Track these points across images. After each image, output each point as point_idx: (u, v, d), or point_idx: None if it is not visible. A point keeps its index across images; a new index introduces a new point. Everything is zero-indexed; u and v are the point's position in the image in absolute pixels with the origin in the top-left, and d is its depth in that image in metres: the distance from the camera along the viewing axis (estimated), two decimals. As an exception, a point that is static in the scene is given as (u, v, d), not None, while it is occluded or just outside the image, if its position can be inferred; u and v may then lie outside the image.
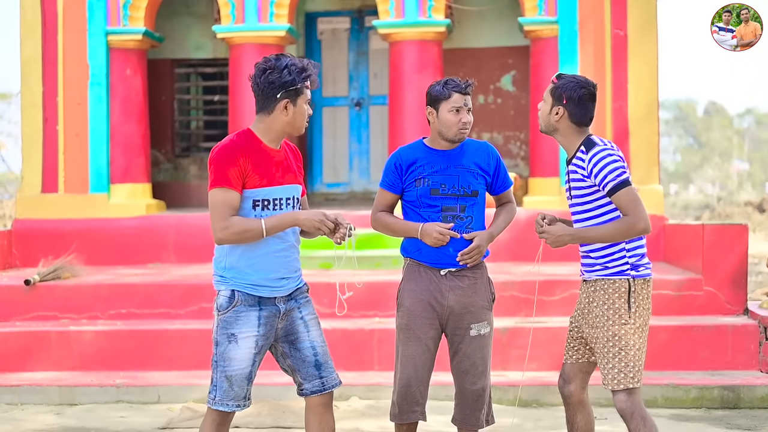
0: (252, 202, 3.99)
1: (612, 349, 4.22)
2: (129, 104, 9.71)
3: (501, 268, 8.35)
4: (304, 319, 4.13)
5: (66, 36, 9.51)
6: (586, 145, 4.24)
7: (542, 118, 4.34)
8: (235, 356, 3.99)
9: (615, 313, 4.23)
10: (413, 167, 4.44)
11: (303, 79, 3.97)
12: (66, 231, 9.32)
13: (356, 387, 6.79)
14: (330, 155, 11.61)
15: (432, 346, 4.45)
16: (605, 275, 4.26)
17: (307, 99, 4.05)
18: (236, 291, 4.01)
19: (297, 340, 4.11)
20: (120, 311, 7.79)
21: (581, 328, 4.39)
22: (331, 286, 7.67)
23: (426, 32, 9.54)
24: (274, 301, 4.05)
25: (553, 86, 4.30)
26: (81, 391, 6.86)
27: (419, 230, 4.37)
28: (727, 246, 7.55)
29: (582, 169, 4.22)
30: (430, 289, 4.41)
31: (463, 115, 4.40)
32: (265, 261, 4.02)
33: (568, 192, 4.34)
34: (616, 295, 4.24)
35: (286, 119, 4.00)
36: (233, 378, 4.00)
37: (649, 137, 9.32)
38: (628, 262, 4.27)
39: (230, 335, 4.00)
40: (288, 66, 3.95)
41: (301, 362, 4.11)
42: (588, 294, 4.31)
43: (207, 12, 11.19)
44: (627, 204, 4.15)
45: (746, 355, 7.06)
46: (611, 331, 4.22)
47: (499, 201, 4.63)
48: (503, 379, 6.82)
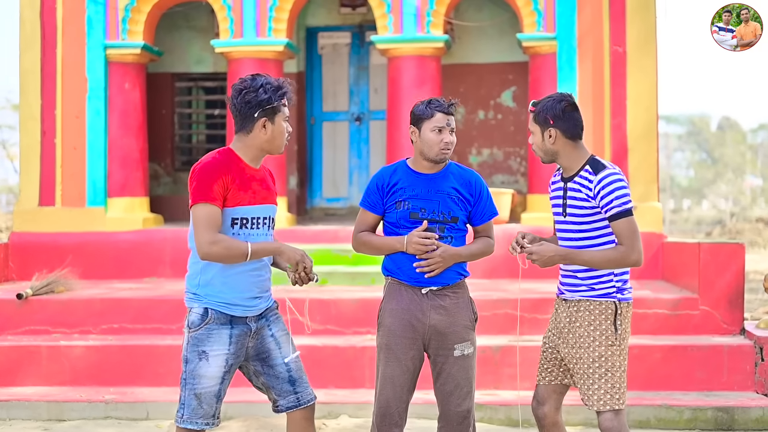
0: (231, 220, 4.01)
1: (598, 370, 4.18)
2: (127, 118, 9.71)
3: (496, 285, 8.30)
4: (274, 336, 4.16)
5: (65, 49, 9.52)
6: (592, 166, 4.19)
7: (539, 149, 4.27)
8: (205, 374, 4.01)
9: (602, 334, 4.19)
10: (395, 188, 4.39)
11: (279, 96, 4.02)
12: (63, 244, 9.30)
13: (346, 405, 6.72)
14: (330, 170, 11.59)
15: (412, 366, 4.40)
16: (590, 296, 4.22)
17: (285, 116, 4.09)
18: (209, 309, 4.02)
19: (269, 358, 4.14)
20: (112, 326, 7.76)
21: (557, 348, 4.34)
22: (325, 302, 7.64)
23: (424, 48, 9.53)
24: (246, 320, 4.08)
25: (534, 114, 4.25)
26: (70, 407, 6.82)
27: (404, 242, 4.31)
28: (723, 265, 7.48)
29: (587, 189, 4.16)
30: (411, 309, 4.36)
31: (445, 135, 4.35)
32: (240, 279, 4.04)
33: (561, 209, 4.28)
34: (603, 316, 4.20)
35: (265, 137, 4.04)
36: (202, 396, 4.01)
37: (649, 154, 9.26)
38: (615, 286, 4.24)
39: (201, 352, 4.01)
40: (263, 85, 4.01)
41: (275, 379, 4.15)
42: (570, 314, 4.26)
43: (208, 26, 11.21)
44: (626, 233, 4.12)
45: (741, 376, 6.97)
46: (597, 352, 4.18)
47: (477, 234, 4.52)
48: (495, 398, 6.75)
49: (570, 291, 4.28)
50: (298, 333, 7.46)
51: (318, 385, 7.00)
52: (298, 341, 7.10)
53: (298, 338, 7.27)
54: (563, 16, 9.32)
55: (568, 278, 4.28)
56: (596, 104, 9.16)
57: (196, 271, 4.07)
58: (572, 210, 4.23)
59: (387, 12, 9.51)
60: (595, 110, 9.14)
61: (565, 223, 4.27)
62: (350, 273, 8.54)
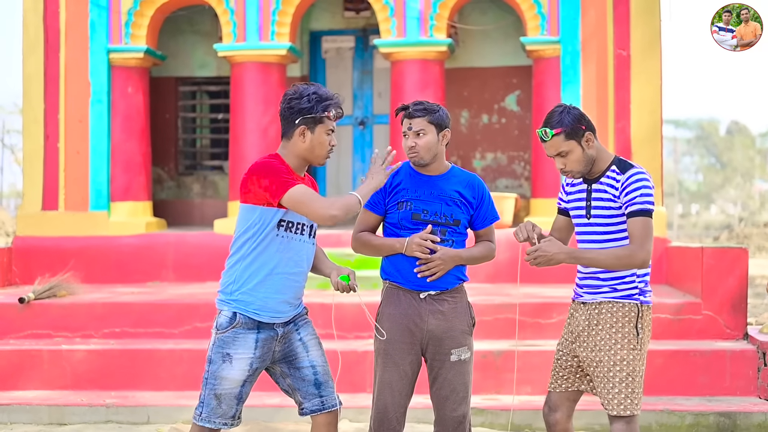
0: (279, 221, 4.06)
1: (619, 374, 4.11)
2: (130, 122, 9.71)
3: (498, 290, 8.28)
4: (302, 341, 4.20)
5: (68, 53, 9.54)
6: (619, 165, 4.14)
7: (580, 163, 4.14)
8: (227, 376, 4.05)
9: (624, 337, 4.13)
10: (397, 189, 4.38)
11: (323, 108, 4.06)
12: (66, 248, 9.31)
13: (347, 410, 6.67)
14: (333, 175, 11.57)
15: (410, 371, 4.37)
16: (613, 298, 4.16)
17: (327, 129, 4.10)
18: (238, 313, 4.07)
19: (296, 360, 4.18)
20: (114, 330, 7.75)
21: (574, 353, 4.27)
22: (327, 306, 7.63)
23: (427, 51, 9.51)
24: (273, 325, 4.12)
25: (564, 131, 4.11)
26: (71, 411, 6.80)
27: (404, 244, 4.29)
28: (726, 269, 7.43)
29: (613, 189, 4.11)
30: (409, 313, 4.34)
31: (409, 140, 4.34)
32: (277, 281, 4.08)
33: (585, 212, 4.21)
34: (626, 319, 4.14)
35: (304, 146, 4.07)
36: (222, 396, 4.05)
37: (653, 158, 9.22)
38: (638, 287, 4.18)
39: (225, 355, 4.06)
40: (309, 94, 4.06)
41: (301, 381, 4.18)
42: (590, 317, 4.20)
43: (211, 30, 11.21)
44: (639, 232, 4.05)
45: (744, 381, 6.92)
46: (619, 355, 4.12)
47: (479, 238, 4.50)
48: (496, 403, 6.72)
49: (590, 293, 4.22)
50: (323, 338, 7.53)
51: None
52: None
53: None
54: (567, 20, 9.29)
55: (588, 280, 4.22)
56: (600, 108, 9.13)
57: (235, 276, 4.09)
58: (597, 212, 4.17)
59: (390, 15, 9.50)
60: (599, 114, 9.11)
61: (588, 225, 4.20)
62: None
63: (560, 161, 4.16)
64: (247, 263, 4.08)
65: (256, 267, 4.07)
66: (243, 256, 4.09)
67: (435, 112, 4.35)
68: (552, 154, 4.17)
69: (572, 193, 4.30)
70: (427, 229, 4.29)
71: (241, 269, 4.09)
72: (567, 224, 4.41)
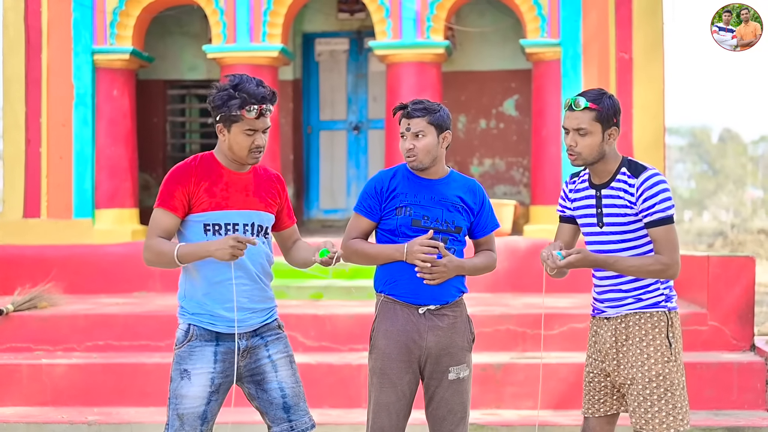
0: (203, 227, 3.80)
1: (656, 390, 3.80)
2: (115, 126, 9.43)
3: (499, 300, 8.05)
4: (271, 358, 3.90)
5: (50, 54, 9.25)
6: (630, 168, 3.83)
7: (592, 151, 3.81)
8: (187, 393, 3.78)
9: (656, 350, 3.82)
10: (394, 193, 4.08)
11: (237, 106, 3.74)
12: (49, 257, 9.01)
13: (341, 426, 6.43)
14: (327, 180, 11.35)
15: (408, 392, 4.08)
16: (639, 308, 3.84)
17: (245, 129, 3.78)
18: (192, 325, 3.82)
19: (264, 381, 3.88)
20: (97, 343, 7.46)
21: (605, 373, 3.95)
22: (319, 318, 7.38)
23: (424, 54, 9.26)
24: (234, 337, 3.82)
25: (598, 112, 3.78)
26: (51, 429, 6.52)
27: (404, 250, 3.98)
28: (732, 278, 7.20)
29: (628, 195, 3.80)
30: (408, 329, 4.04)
31: (407, 142, 4.04)
32: (221, 289, 3.81)
33: (597, 219, 3.89)
34: (656, 330, 3.83)
35: (225, 144, 3.83)
36: (185, 417, 3.78)
37: (656, 164, 8.96)
38: (663, 294, 3.87)
39: (183, 371, 3.80)
40: (227, 89, 3.77)
41: (269, 404, 3.89)
42: (616, 332, 3.88)
43: (201, 32, 10.96)
44: (668, 242, 3.75)
45: (752, 394, 6.69)
46: (654, 370, 3.81)
47: (479, 247, 4.22)
48: (496, 418, 6.48)
49: (613, 307, 3.90)
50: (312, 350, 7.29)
51: (312, 405, 6.65)
52: (290, 359, 6.94)
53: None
54: (568, 22, 9.06)
55: (609, 293, 3.90)
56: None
57: (182, 280, 3.90)
58: (610, 219, 3.85)
59: (386, 17, 9.25)
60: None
61: (602, 234, 3.88)
62: (347, 287, 8.26)
63: (574, 139, 3.82)
64: (189, 273, 3.85)
65: (197, 277, 3.83)
66: (185, 266, 3.84)
67: (435, 112, 4.06)
68: (571, 126, 3.82)
69: (578, 199, 3.99)
70: (428, 234, 3.99)
71: (186, 280, 3.87)
72: (573, 233, 4.10)
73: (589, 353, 4.03)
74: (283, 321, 4.10)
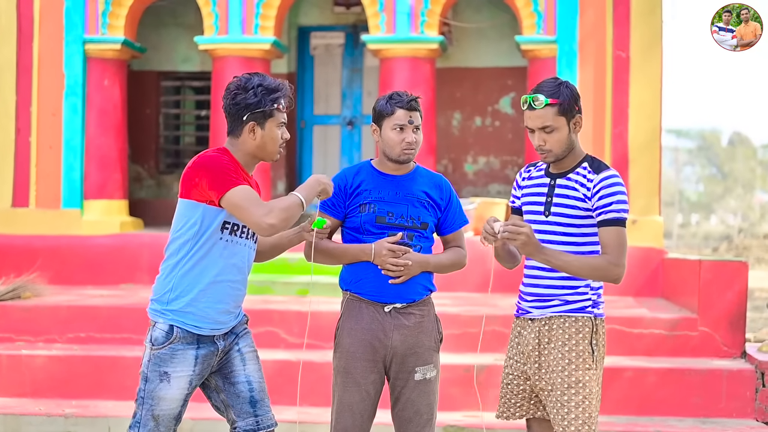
0: (222, 224, 3.68)
1: (574, 397, 3.68)
2: (106, 116, 9.35)
3: (487, 300, 7.93)
4: (241, 352, 3.85)
5: (42, 43, 9.18)
6: (592, 164, 3.72)
7: (560, 144, 3.68)
8: (165, 396, 3.70)
9: (578, 356, 3.70)
10: (358, 190, 3.99)
11: (272, 101, 3.69)
12: (36, 248, 8.95)
13: (319, 425, 6.33)
14: (320, 176, 11.22)
15: (373, 391, 3.99)
16: (564, 311, 3.72)
17: (279, 122, 3.74)
18: (175, 326, 3.70)
19: (232, 374, 3.82)
20: (79, 335, 7.40)
21: (525, 376, 3.83)
22: (303, 314, 7.28)
23: (418, 49, 9.16)
24: (213, 338, 3.76)
25: (560, 105, 3.65)
26: (27, 420, 6.44)
27: (371, 251, 3.90)
28: (725, 284, 7.07)
29: (584, 188, 3.68)
30: (373, 328, 3.95)
31: (408, 134, 3.94)
32: (219, 289, 3.72)
33: (543, 208, 3.75)
34: (580, 335, 3.71)
35: (255, 143, 3.73)
36: (160, 418, 3.70)
37: (651, 166, 8.86)
38: (591, 299, 3.75)
39: (163, 374, 3.69)
40: (256, 86, 3.69)
41: (236, 397, 3.82)
42: (539, 334, 3.75)
43: (195, 23, 10.85)
44: (616, 243, 3.62)
45: (741, 403, 6.57)
46: (574, 376, 3.69)
47: (447, 244, 4.13)
48: (477, 420, 6.36)
49: (538, 307, 3.77)
50: (274, 347, 7.21)
51: (291, 403, 6.63)
52: (272, 355, 6.84)
53: (273, 352, 7.02)
54: (564, 19, 8.94)
55: (537, 287, 3.77)
56: (597, 112, 8.75)
57: (165, 280, 3.74)
58: (559, 209, 3.72)
59: (380, 11, 9.15)
60: (596, 118, 8.74)
61: (545, 224, 3.74)
62: (333, 284, 8.12)
63: (541, 137, 3.68)
64: (186, 269, 3.70)
65: (196, 274, 3.69)
66: (181, 260, 3.70)
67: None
68: (536, 126, 3.68)
69: (529, 186, 3.84)
70: (397, 237, 3.90)
71: (179, 276, 3.71)
72: None
73: (510, 354, 3.90)
74: (266, 317, 4.03)
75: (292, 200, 3.63)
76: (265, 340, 6.91)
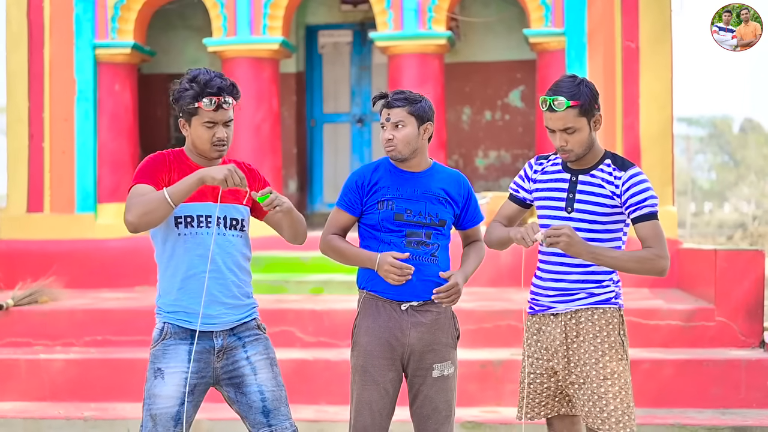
0: (174, 220, 3.71)
1: (611, 389, 3.68)
2: (118, 120, 9.39)
3: (500, 295, 7.93)
4: (249, 360, 3.79)
5: (52, 49, 9.23)
6: (615, 160, 3.73)
7: (582, 144, 3.69)
8: (159, 393, 3.69)
9: (611, 347, 3.71)
10: (376, 187, 3.99)
11: (192, 97, 3.65)
12: (51, 252, 9.00)
13: (337, 423, 6.35)
14: (331, 174, 11.25)
15: (391, 389, 4.00)
16: (591, 303, 3.73)
17: (203, 121, 3.69)
18: (166, 323, 3.76)
19: (242, 384, 3.78)
20: (96, 338, 7.44)
21: (551, 372, 3.83)
22: (318, 313, 7.29)
23: (426, 45, 9.15)
24: (211, 335, 3.74)
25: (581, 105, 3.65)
26: (47, 424, 6.50)
27: (376, 262, 3.90)
28: (741, 273, 7.05)
29: (611, 185, 3.69)
30: (390, 326, 3.95)
31: (386, 132, 3.95)
32: (195, 283, 3.71)
33: (565, 204, 3.76)
34: (610, 326, 3.73)
35: (189, 140, 3.77)
36: (157, 417, 3.68)
37: (663, 156, 8.82)
38: (614, 290, 3.78)
39: (157, 370, 3.73)
40: (188, 82, 3.69)
41: (248, 408, 3.78)
42: (566, 329, 3.76)
43: (204, 25, 10.86)
44: (656, 236, 3.65)
45: (761, 393, 6.53)
46: (609, 368, 3.70)
47: (467, 239, 4.17)
48: (496, 416, 6.37)
49: (563, 302, 3.78)
50: (289, 346, 7.22)
51: (308, 402, 6.66)
52: (288, 354, 6.85)
53: (288, 351, 7.03)
54: (572, 10, 8.92)
55: (560, 282, 3.77)
56: (607, 103, 8.73)
57: (158, 285, 3.83)
58: (583, 206, 3.72)
59: (387, 8, 9.15)
60: (607, 109, 8.72)
61: (568, 219, 3.74)
62: (347, 282, 8.15)
63: (563, 138, 3.69)
64: (163, 269, 3.79)
65: (171, 273, 3.75)
66: (160, 262, 3.79)
67: (416, 102, 3.97)
68: (558, 127, 3.68)
69: (544, 181, 3.85)
70: (404, 255, 3.88)
71: (161, 277, 3.81)
72: (518, 214, 4.01)
73: (530, 353, 3.89)
74: (281, 316, 4.02)
75: (154, 197, 3.57)
76: (279, 340, 6.92)
